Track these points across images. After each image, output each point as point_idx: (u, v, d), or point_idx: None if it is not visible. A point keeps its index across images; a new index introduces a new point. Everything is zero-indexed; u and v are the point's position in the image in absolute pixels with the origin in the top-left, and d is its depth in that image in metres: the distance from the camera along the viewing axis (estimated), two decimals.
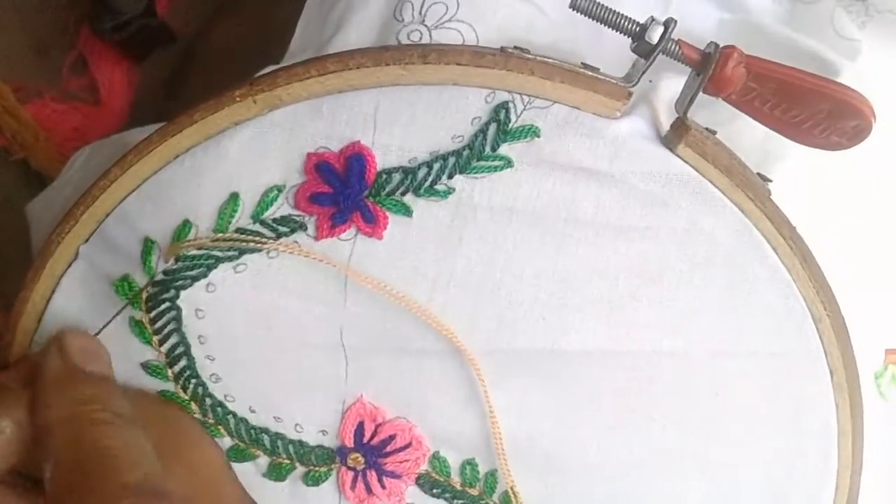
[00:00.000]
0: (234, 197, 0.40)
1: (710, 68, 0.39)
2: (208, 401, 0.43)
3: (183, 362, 0.42)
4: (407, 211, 0.41)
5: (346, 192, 0.40)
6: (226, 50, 0.75)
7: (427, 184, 0.40)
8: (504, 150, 0.40)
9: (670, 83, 0.44)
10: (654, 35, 0.39)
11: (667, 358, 0.43)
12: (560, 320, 0.42)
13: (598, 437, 0.44)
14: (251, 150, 0.40)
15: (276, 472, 0.45)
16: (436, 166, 0.40)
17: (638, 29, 0.40)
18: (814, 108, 0.40)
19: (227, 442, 0.44)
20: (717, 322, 0.42)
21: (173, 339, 0.42)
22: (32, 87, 0.69)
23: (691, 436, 0.44)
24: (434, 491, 0.45)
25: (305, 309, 0.42)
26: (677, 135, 0.40)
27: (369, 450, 0.44)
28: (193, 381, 0.43)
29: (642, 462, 0.44)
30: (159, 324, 0.42)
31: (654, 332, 0.42)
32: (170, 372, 0.43)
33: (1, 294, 0.57)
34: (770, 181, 0.42)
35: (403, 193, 0.40)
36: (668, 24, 0.39)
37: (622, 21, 0.40)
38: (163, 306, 0.41)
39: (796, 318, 0.42)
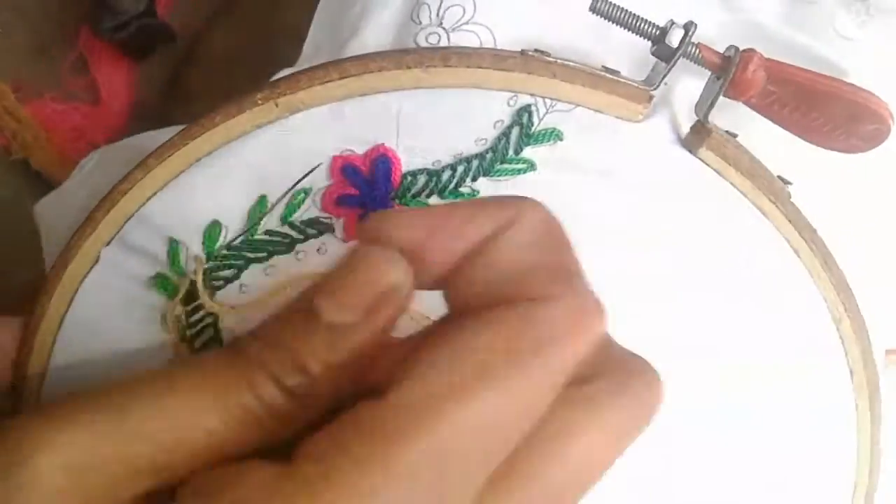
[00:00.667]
0: (263, 199, 0.40)
1: (730, 72, 0.40)
2: None
3: None
4: None
5: (372, 194, 0.40)
6: (226, 50, 0.75)
7: (451, 186, 0.40)
8: (527, 153, 0.40)
9: (686, 86, 0.44)
10: (674, 38, 0.40)
11: (687, 361, 0.43)
12: None
13: None
14: (275, 153, 0.40)
15: None
16: (459, 169, 0.40)
17: (658, 32, 0.40)
18: (833, 111, 0.40)
19: None
20: (739, 324, 0.43)
21: (206, 335, 0.42)
22: (32, 87, 0.69)
23: (710, 435, 0.45)
24: None
25: None
26: (698, 138, 0.41)
27: None
28: None
29: (662, 465, 0.45)
30: (194, 318, 0.42)
31: (675, 336, 0.43)
32: None
33: (1, 293, 0.57)
34: (790, 184, 0.43)
35: (428, 196, 0.41)
36: (689, 27, 0.40)
37: (642, 24, 0.40)
38: (199, 301, 0.41)
39: (817, 320, 0.43)
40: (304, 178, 0.40)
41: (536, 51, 0.40)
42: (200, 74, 0.75)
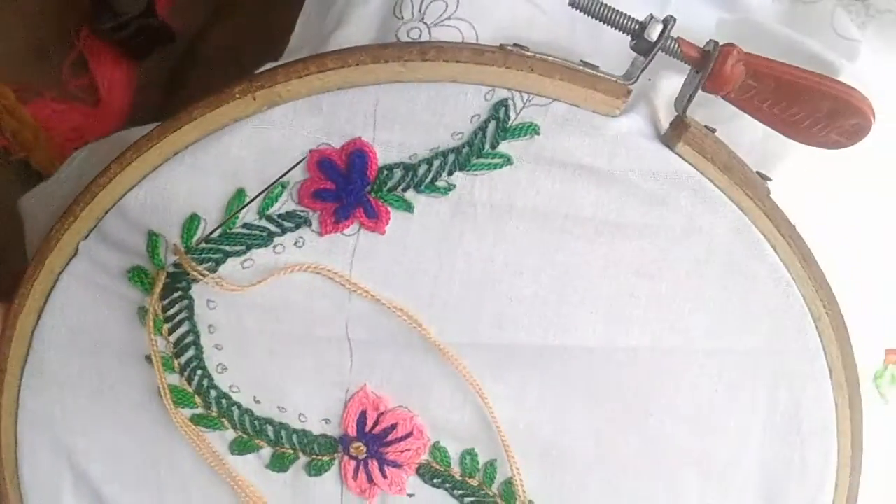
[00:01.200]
0: (241, 192, 0.40)
1: (709, 66, 0.39)
2: (213, 392, 0.43)
3: (190, 352, 0.43)
4: (408, 207, 0.41)
5: (348, 187, 0.40)
6: (225, 50, 0.75)
7: (428, 180, 0.40)
8: (504, 147, 0.40)
9: (669, 81, 0.44)
10: (654, 33, 0.39)
11: (665, 355, 0.43)
12: (560, 316, 0.42)
13: (596, 430, 0.44)
14: (253, 146, 0.40)
15: (279, 463, 0.45)
16: (436, 163, 0.40)
17: (637, 27, 0.40)
18: (813, 106, 0.40)
19: (230, 435, 0.44)
20: (716, 320, 0.43)
21: (183, 328, 0.42)
22: (33, 88, 0.69)
23: (689, 432, 0.44)
24: (434, 481, 0.45)
25: (312, 303, 0.42)
26: (676, 133, 0.40)
27: (371, 438, 0.44)
28: (199, 371, 0.43)
29: (640, 457, 0.45)
30: (171, 311, 0.42)
31: (653, 329, 0.43)
32: (176, 363, 0.43)
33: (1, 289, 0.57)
34: (769, 179, 0.42)
35: (405, 189, 0.41)
36: (667, 21, 0.39)
37: (622, 19, 0.40)
38: (175, 295, 0.42)
39: (795, 317, 0.42)
40: (287, 172, 0.40)
41: (515, 45, 0.40)
42: (200, 74, 0.76)
